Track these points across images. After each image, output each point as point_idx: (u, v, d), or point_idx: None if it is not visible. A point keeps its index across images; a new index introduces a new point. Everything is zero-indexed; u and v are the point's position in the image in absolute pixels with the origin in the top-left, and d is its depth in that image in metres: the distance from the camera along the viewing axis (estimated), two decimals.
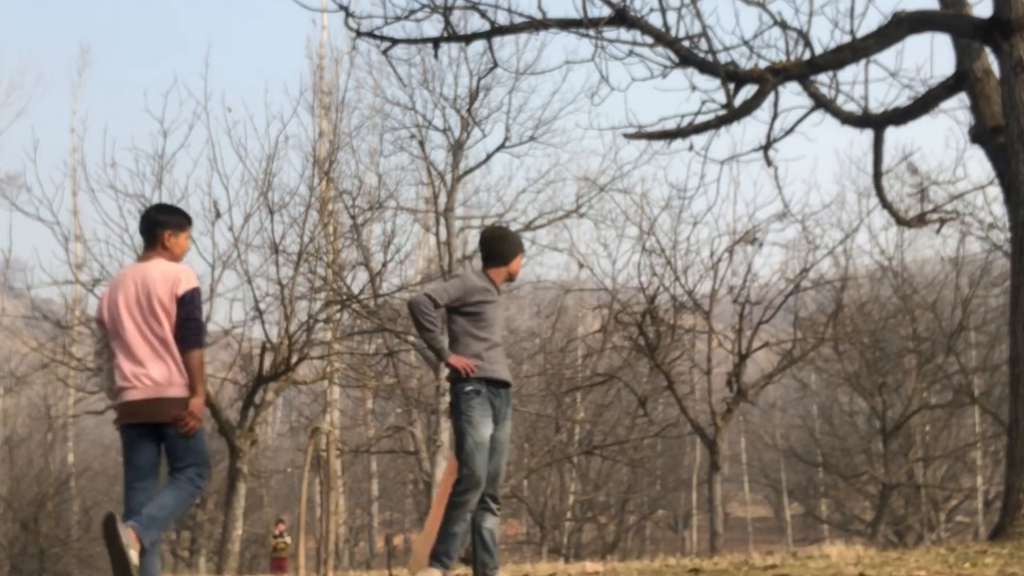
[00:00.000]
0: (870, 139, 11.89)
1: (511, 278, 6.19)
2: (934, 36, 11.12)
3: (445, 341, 6.08)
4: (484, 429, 5.94)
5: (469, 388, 5.95)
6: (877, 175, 12.32)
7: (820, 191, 75.40)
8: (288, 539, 22.15)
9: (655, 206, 21.08)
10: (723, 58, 10.37)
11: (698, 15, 10.36)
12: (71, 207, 30.63)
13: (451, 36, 11.14)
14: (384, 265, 19.67)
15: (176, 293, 5.48)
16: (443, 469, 21.63)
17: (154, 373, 5.46)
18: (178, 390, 5.47)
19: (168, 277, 5.51)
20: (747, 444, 45.96)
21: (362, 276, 20.97)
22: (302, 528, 7.42)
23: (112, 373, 5.59)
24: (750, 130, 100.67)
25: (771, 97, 10.86)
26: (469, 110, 22.31)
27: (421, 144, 22.99)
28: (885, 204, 13.09)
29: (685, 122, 10.81)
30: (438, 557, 5.93)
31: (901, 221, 14.24)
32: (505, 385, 6.10)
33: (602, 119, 57.99)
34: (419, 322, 5.96)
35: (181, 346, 5.46)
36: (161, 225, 5.67)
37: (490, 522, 6.01)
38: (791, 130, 11.58)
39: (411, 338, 21.38)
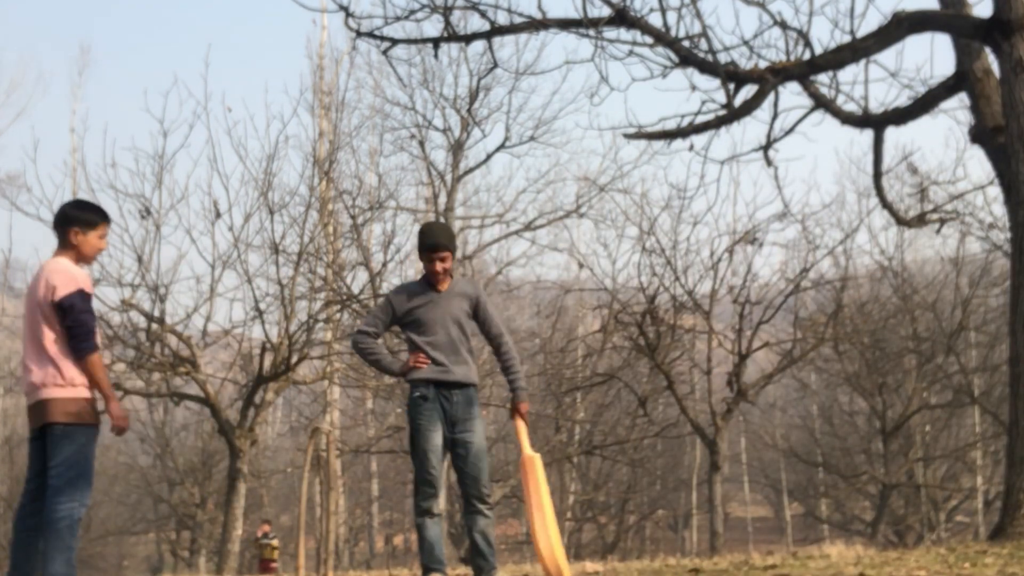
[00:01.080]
0: (870, 139, 11.90)
1: (431, 274, 5.89)
2: (934, 36, 11.13)
3: (397, 361, 6.08)
4: (433, 435, 5.80)
5: (416, 394, 5.85)
6: (877, 175, 12.32)
7: (820, 191, 75.41)
8: (275, 542, 22.10)
9: (655, 206, 21.16)
10: (723, 58, 10.38)
11: (698, 15, 10.37)
12: None
13: (451, 36, 11.14)
14: (384, 265, 19.66)
15: (53, 300, 5.14)
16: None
17: (34, 376, 5.17)
18: (57, 391, 5.12)
19: (50, 282, 5.17)
20: (747, 444, 45.93)
21: (362, 276, 20.97)
22: (302, 528, 7.41)
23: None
24: (750, 130, 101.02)
25: (771, 97, 10.87)
26: (469, 110, 22.34)
27: (421, 144, 23.02)
28: (885, 204, 13.09)
29: (685, 122, 10.82)
30: (430, 570, 5.85)
31: (901, 221, 14.25)
32: (458, 386, 5.87)
33: (602, 119, 58.04)
34: (364, 359, 6.11)
35: (75, 355, 5.15)
36: (69, 221, 5.32)
37: (481, 524, 5.89)
38: (791, 130, 11.59)
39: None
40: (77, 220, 5.34)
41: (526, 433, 6.10)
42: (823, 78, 11.17)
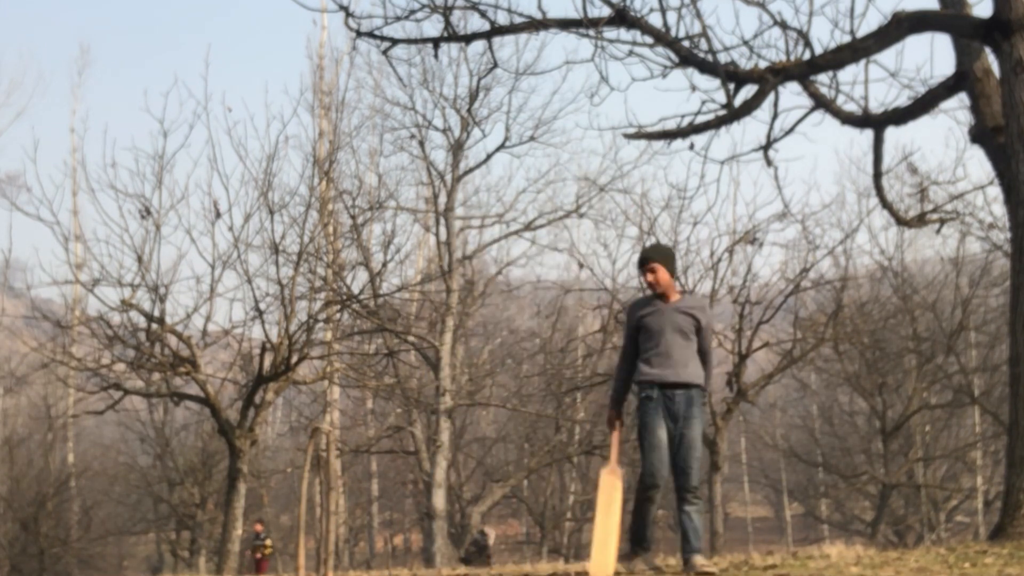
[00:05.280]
0: (870, 139, 11.89)
1: (653, 286, 6.72)
2: (934, 36, 11.12)
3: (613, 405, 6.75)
4: (658, 431, 6.44)
5: (643, 395, 6.54)
6: (877, 175, 12.31)
7: (820, 191, 75.66)
8: (268, 541, 22.10)
9: (655, 206, 21.16)
10: (723, 58, 10.37)
11: (698, 15, 10.35)
12: (71, 207, 30.75)
13: (451, 36, 11.13)
14: (384, 265, 19.68)
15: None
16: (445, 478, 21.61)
17: None
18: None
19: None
20: (747, 444, 45.96)
21: (362, 276, 21.00)
22: (302, 528, 7.41)
23: None
24: (750, 130, 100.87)
25: (771, 97, 10.85)
26: (469, 110, 22.33)
27: (421, 144, 23.00)
28: (885, 204, 13.07)
29: (685, 122, 10.80)
30: (633, 548, 6.56)
31: (901, 221, 14.21)
32: (679, 387, 6.51)
33: (602, 119, 57.96)
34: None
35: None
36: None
37: (685, 513, 6.52)
38: (791, 130, 11.57)
39: (411, 338, 21.40)
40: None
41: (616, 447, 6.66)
42: (823, 78, 11.16)
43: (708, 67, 10.33)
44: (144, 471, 31.70)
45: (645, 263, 6.77)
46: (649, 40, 10.30)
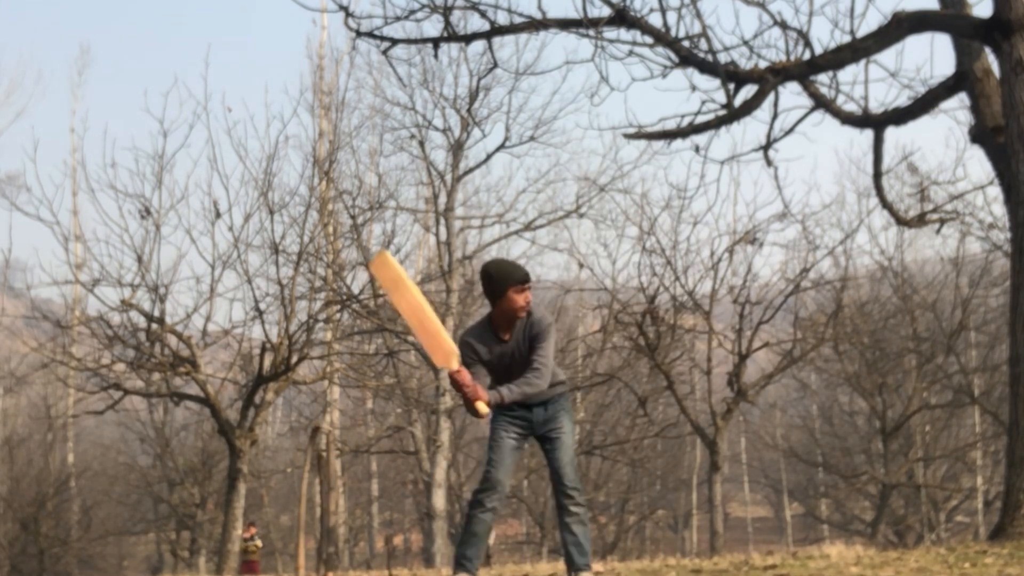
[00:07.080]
0: (870, 139, 11.90)
1: (517, 309, 5.62)
2: (934, 36, 11.13)
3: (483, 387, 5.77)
4: (502, 434, 5.95)
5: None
6: (877, 175, 12.32)
7: (820, 191, 75.68)
8: (259, 542, 22.14)
9: (655, 206, 21.15)
10: (723, 58, 10.37)
11: (698, 15, 10.36)
12: (71, 207, 30.72)
13: (451, 36, 11.14)
14: None
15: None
16: (441, 468, 21.62)
17: None
18: None
19: None
20: (747, 444, 45.97)
21: (362, 276, 20.98)
22: (302, 528, 7.42)
23: None
24: (750, 130, 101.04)
25: (771, 97, 10.86)
26: (469, 110, 22.31)
27: (421, 144, 22.99)
28: (885, 204, 13.07)
29: (685, 122, 10.81)
30: (460, 561, 5.82)
31: (901, 221, 14.22)
32: (536, 404, 5.93)
33: (602, 119, 58.13)
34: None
35: None
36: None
37: (566, 520, 5.95)
38: (791, 130, 11.58)
39: (411, 338, 21.41)
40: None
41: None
42: (823, 78, 11.17)
43: (708, 67, 10.33)
44: (144, 471, 31.70)
45: (527, 280, 5.61)
46: (649, 40, 10.31)
